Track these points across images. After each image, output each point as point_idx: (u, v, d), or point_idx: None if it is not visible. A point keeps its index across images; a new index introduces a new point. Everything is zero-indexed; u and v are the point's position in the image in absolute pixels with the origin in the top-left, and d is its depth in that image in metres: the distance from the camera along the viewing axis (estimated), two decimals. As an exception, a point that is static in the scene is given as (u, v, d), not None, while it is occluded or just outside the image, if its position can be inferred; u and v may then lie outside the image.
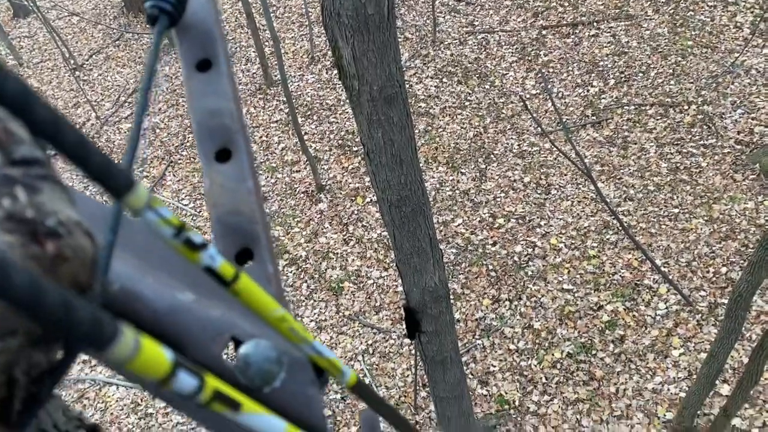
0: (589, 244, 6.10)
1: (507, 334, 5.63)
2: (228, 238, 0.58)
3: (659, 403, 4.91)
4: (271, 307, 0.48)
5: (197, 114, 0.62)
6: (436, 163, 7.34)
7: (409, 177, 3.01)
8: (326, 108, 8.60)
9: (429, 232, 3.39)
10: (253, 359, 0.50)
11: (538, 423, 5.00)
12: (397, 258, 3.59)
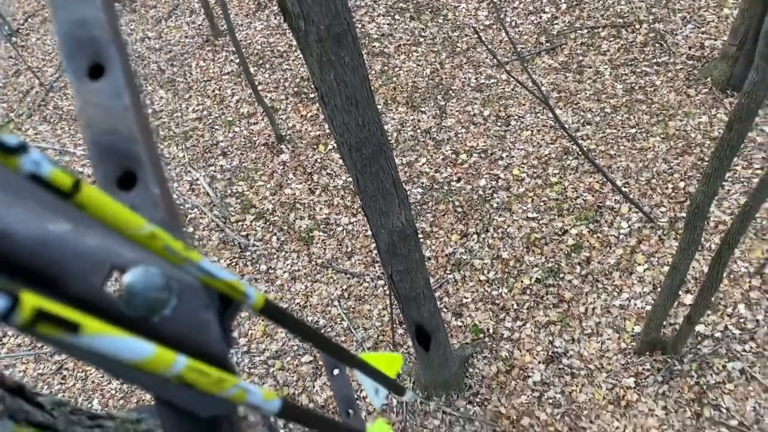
0: (550, 172, 6.18)
1: (477, 266, 5.75)
2: (107, 162, 0.51)
3: (627, 318, 5.12)
4: (133, 223, 0.42)
5: (62, 26, 0.55)
6: (396, 104, 7.27)
7: (367, 118, 2.98)
8: (278, 55, 8.39)
9: (392, 173, 3.39)
10: (136, 288, 0.46)
11: (513, 348, 5.18)
12: (363, 201, 3.59)
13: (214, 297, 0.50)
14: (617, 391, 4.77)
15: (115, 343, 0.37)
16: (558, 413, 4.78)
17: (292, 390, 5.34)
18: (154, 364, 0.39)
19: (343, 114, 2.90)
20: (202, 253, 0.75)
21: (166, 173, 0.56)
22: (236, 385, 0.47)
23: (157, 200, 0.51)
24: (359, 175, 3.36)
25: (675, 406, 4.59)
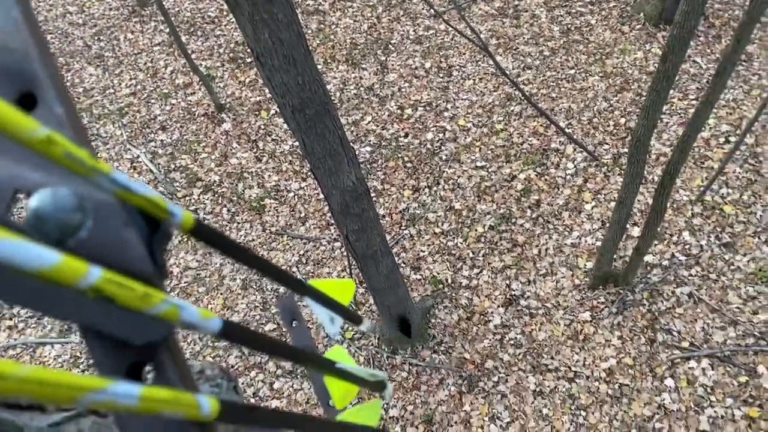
0: (495, 119, 6.22)
1: (431, 219, 5.79)
2: (1, 84, 0.47)
3: (579, 256, 5.26)
4: (24, 125, 0.34)
5: None
6: (336, 62, 7.14)
7: (306, 77, 2.91)
8: (209, 21, 8.09)
9: (338, 132, 3.34)
10: (45, 211, 0.42)
11: (472, 295, 5.28)
12: (311, 164, 3.54)
13: (135, 215, 0.46)
14: (575, 326, 4.93)
15: (8, 247, 0.31)
16: (520, 353, 4.92)
17: (258, 359, 5.33)
18: (61, 273, 0.34)
19: (281, 74, 2.82)
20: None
21: (67, 92, 0.50)
22: (166, 301, 0.42)
23: (62, 120, 0.46)
24: (305, 137, 3.30)
25: (630, 335, 4.79)
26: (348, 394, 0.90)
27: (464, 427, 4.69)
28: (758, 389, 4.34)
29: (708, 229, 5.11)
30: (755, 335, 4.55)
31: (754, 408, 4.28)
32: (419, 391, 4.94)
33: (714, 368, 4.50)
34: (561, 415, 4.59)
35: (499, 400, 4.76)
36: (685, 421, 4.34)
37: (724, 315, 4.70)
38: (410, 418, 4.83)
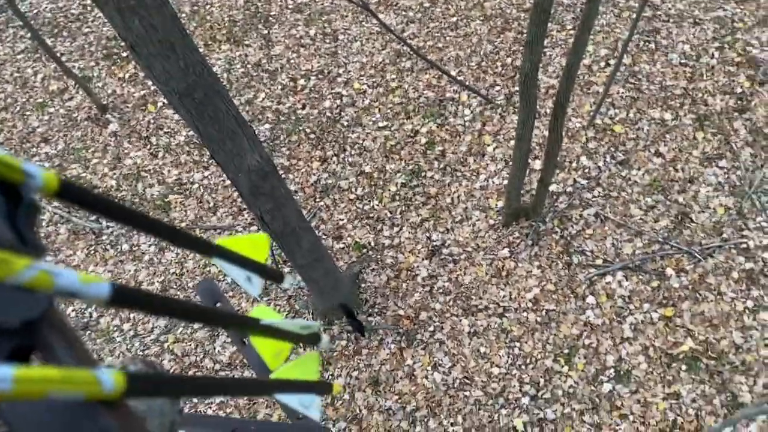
0: (389, 78, 6.20)
1: (344, 186, 5.75)
2: None
3: (489, 197, 5.40)
4: None
5: None
6: (217, 43, 6.85)
7: (188, 60, 2.77)
8: (73, 19, 7.52)
9: (232, 112, 3.22)
10: None
11: (396, 253, 5.32)
12: (211, 150, 3.40)
13: None
14: (496, 264, 5.09)
15: None
16: (450, 299, 5.04)
17: (193, 358, 5.18)
18: None
19: (161, 61, 2.66)
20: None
21: None
22: (33, 267, 0.36)
23: None
24: (198, 123, 3.15)
25: (548, 263, 5.00)
26: (281, 352, 0.84)
27: (409, 381, 4.78)
28: (669, 290, 4.67)
29: (603, 150, 5.37)
30: (659, 241, 4.87)
31: (669, 308, 4.60)
32: (361, 356, 4.97)
33: (628, 279, 4.79)
34: (497, 349, 4.76)
35: (438, 348, 4.87)
36: (611, 333, 4.62)
37: (630, 228, 4.98)
38: (357, 383, 4.87)
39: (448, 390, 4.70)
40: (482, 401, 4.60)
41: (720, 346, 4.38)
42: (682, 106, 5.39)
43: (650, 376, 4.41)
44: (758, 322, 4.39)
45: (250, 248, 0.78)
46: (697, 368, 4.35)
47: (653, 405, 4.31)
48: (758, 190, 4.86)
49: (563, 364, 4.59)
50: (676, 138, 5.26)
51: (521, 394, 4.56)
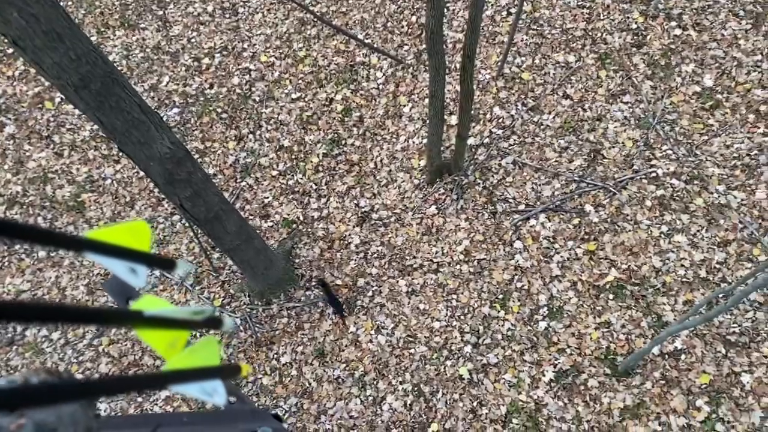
0: (296, 47, 6.02)
1: (264, 163, 5.60)
2: None
3: (411, 158, 5.39)
4: None
5: None
6: (111, 29, 6.43)
7: (79, 49, 2.58)
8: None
9: (134, 100, 3.04)
10: None
11: (326, 224, 5.26)
12: (118, 141, 3.22)
13: None
14: (426, 222, 5.12)
15: None
16: (385, 263, 5.05)
17: (131, 357, 4.99)
18: None
19: (49, 53, 2.47)
20: None
21: None
22: None
23: None
24: (99, 114, 2.96)
25: (474, 214, 5.07)
26: (176, 341, 0.77)
27: (355, 347, 4.79)
28: (590, 226, 4.84)
29: (514, 99, 5.44)
30: (575, 180, 5.02)
31: (591, 243, 4.78)
32: (304, 330, 4.93)
33: (550, 220, 4.93)
34: (436, 304, 4.83)
35: (379, 312, 4.89)
36: (540, 273, 4.76)
37: (547, 171, 5.11)
38: (302, 357, 4.83)
39: (393, 350, 4.74)
40: (427, 356, 4.67)
41: (641, 272, 4.61)
42: (584, 47, 5.51)
43: (581, 309, 4.60)
44: (673, 245, 4.63)
45: (129, 237, 0.70)
46: (623, 296, 4.57)
47: (587, 336, 4.50)
48: (661, 120, 5.07)
49: (499, 310, 4.71)
50: (581, 79, 5.39)
51: (463, 343, 4.66)
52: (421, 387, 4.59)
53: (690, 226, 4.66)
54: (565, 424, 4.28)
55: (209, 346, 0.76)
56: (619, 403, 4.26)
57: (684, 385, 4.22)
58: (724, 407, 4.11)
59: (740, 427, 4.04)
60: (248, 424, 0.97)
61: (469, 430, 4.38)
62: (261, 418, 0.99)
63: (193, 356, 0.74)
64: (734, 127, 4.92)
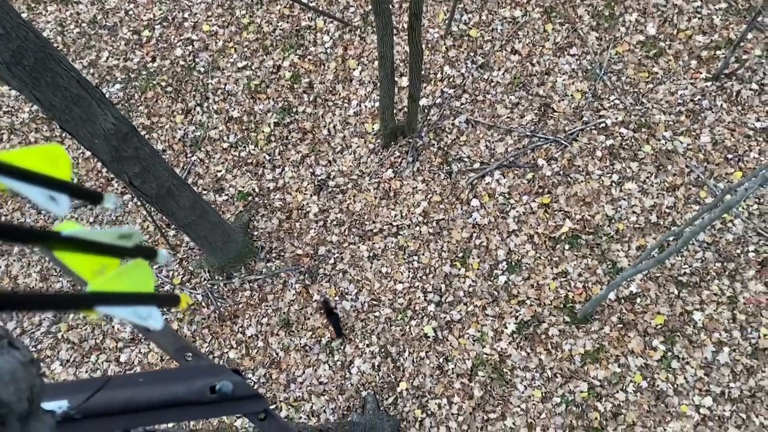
0: (239, 15, 5.80)
1: (214, 136, 5.43)
2: None
3: (365, 122, 5.30)
4: None
5: None
6: (42, 4, 6.07)
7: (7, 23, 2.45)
8: None
9: (72, 75, 2.89)
10: None
11: (283, 195, 5.16)
12: (59, 120, 3.07)
13: None
14: (383, 187, 5.07)
15: None
16: (345, 229, 4.99)
17: (93, 341, 4.85)
18: None
19: (-37, 32, 2.29)
20: None
21: None
22: None
23: None
24: (35, 92, 2.81)
25: (430, 176, 5.04)
26: (104, 270, 0.69)
27: (320, 315, 4.76)
28: (543, 179, 4.87)
29: (463, 57, 5.38)
30: (528, 135, 5.02)
31: (545, 196, 4.82)
32: (268, 302, 4.87)
33: (505, 176, 4.94)
34: (398, 267, 4.81)
35: (342, 278, 4.86)
36: (497, 229, 4.79)
37: (499, 128, 5.09)
38: (268, 329, 4.78)
39: (358, 315, 4.73)
40: (392, 318, 4.68)
41: (595, 221, 4.67)
42: (529, 2, 5.46)
43: (539, 261, 4.65)
44: (624, 193, 4.70)
45: (44, 163, 0.61)
46: (578, 245, 4.63)
47: (545, 286, 4.57)
48: (607, 70, 5.09)
49: (460, 267, 4.73)
50: (529, 33, 5.35)
51: (426, 303, 4.67)
52: (387, 348, 4.60)
53: (640, 174, 4.74)
54: (528, 373, 4.36)
55: (139, 270, 0.69)
56: (579, 349, 4.36)
57: (640, 327, 4.33)
58: (678, 345, 4.24)
59: (694, 362, 4.19)
60: (206, 380, 0.91)
61: (437, 385, 4.43)
62: (219, 372, 0.94)
63: (121, 280, 0.67)
64: (678, 74, 4.98)
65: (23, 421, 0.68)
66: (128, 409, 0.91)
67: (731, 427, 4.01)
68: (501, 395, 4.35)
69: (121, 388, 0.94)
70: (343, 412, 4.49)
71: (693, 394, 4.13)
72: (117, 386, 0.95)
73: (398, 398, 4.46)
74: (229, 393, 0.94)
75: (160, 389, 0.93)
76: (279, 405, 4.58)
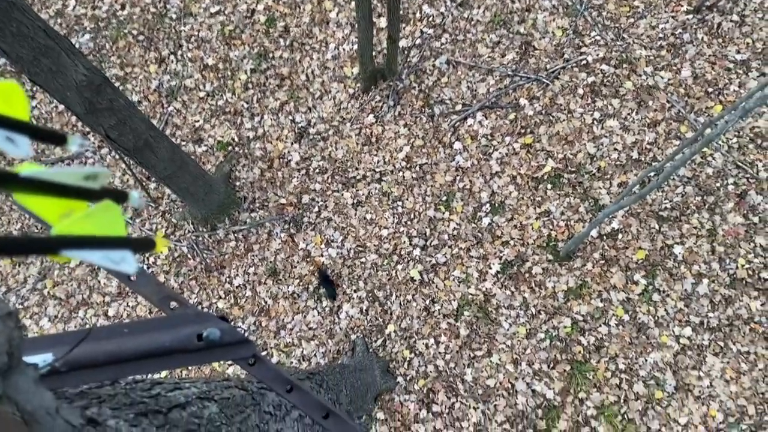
0: (209, -44, 5.52)
1: (190, 85, 5.25)
2: None
3: (343, 66, 5.15)
4: None
5: None
6: (-1, -49, 5.73)
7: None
8: None
9: (38, 24, 2.76)
10: None
11: (263, 143, 5.05)
12: (27, 72, 2.94)
13: None
14: (365, 132, 4.97)
15: None
16: (328, 177, 4.92)
17: (80, 297, 4.81)
18: None
19: None
20: None
21: None
22: None
23: None
24: (1, 43, 2.67)
25: (412, 120, 4.94)
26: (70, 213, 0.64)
27: (306, 263, 4.74)
28: (525, 119, 4.80)
29: (442, -5, 5.19)
30: (509, 75, 4.91)
31: (527, 136, 4.76)
32: (254, 252, 4.83)
33: (487, 117, 4.86)
34: (382, 213, 4.78)
35: (327, 226, 4.82)
36: (480, 171, 4.74)
37: (480, 68, 4.97)
38: (255, 278, 4.76)
39: (345, 262, 4.72)
40: (378, 263, 4.67)
41: (577, 159, 4.64)
42: (509, -65, 5.24)
43: (522, 201, 4.63)
44: (606, 130, 4.65)
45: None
46: (560, 184, 4.61)
47: (528, 226, 4.57)
48: (588, 6, 4.95)
49: (444, 211, 4.71)
50: (509, -31, 5.17)
51: (412, 247, 4.66)
52: (375, 292, 4.61)
53: (621, 110, 4.68)
54: (513, 311, 4.41)
55: (109, 212, 0.63)
56: (562, 286, 4.40)
57: (622, 263, 4.37)
58: (659, 278, 4.29)
59: (674, 294, 4.25)
60: (193, 328, 0.88)
61: (424, 326, 4.47)
62: (206, 320, 0.90)
63: (89, 223, 0.61)
64: (659, 7, 4.86)
65: (4, 375, 0.64)
66: (114, 359, 0.89)
67: (710, 355, 4.11)
68: (486, 333, 4.40)
69: (107, 339, 0.90)
70: (333, 356, 4.53)
71: (673, 325, 4.21)
72: (102, 337, 0.91)
73: (387, 340, 4.50)
74: (217, 340, 0.91)
75: (146, 339, 0.91)
76: (270, 351, 4.61)
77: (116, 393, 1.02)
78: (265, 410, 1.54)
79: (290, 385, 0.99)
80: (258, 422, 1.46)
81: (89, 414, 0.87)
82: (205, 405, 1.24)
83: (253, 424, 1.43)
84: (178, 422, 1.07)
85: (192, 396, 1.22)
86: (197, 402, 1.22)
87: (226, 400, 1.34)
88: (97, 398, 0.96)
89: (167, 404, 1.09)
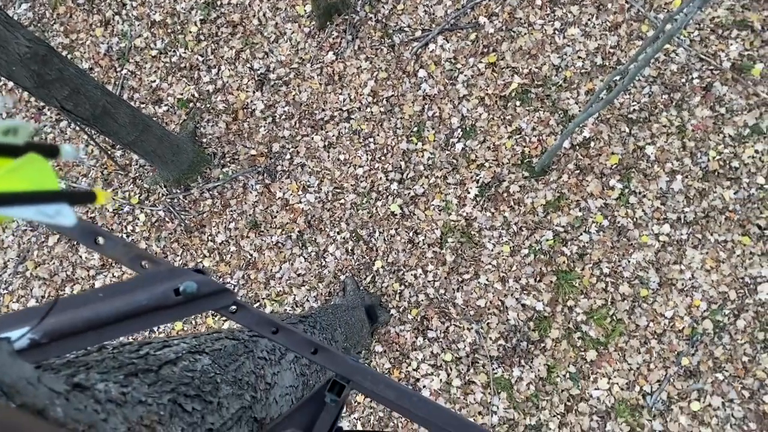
0: None
1: (141, 45, 4.98)
2: None
3: (295, 5, 4.93)
4: None
5: None
6: None
7: None
8: None
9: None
10: None
11: (225, 96, 4.85)
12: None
13: None
14: (326, 71, 4.79)
15: None
16: (295, 122, 4.77)
17: (64, 274, 4.70)
18: None
19: None
20: None
21: None
22: None
23: None
24: None
25: (373, 52, 4.76)
26: None
27: (286, 211, 4.65)
28: (487, 37, 4.64)
29: None
30: (465, -6, 4.72)
31: (491, 55, 4.61)
32: (232, 207, 4.72)
33: (448, 41, 4.69)
34: (355, 152, 4.66)
35: (301, 172, 4.70)
36: (448, 97, 4.61)
37: (435, -10, 4.76)
38: (237, 233, 4.67)
39: (324, 205, 4.64)
40: (358, 202, 4.60)
41: (542, 72, 4.52)
42: None
43: (492, 122, 4.54)
44: (568, 39, 4.53)
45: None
46: (529, 100, 4.51)
47: (502, 146, 4.49)
48: None
49: (416, 142, 4.61)
50: None
51: (389, 182, 4.58)
52: (358, 231, 4.56)
53: (581, 17, 4.54)
54: (495, 231, 4.39)
55: (35, 165, 0.55)
56: (541, 200, 4.37)
57: (597, 170, 4.34)
58: (634, 180, 4.28)
59: (650, 194, 4.25)
60: (169, 284, 0.83)
61: (410, 258, 4.45)
62: (181, 274, 0.85)
63: (15, 178, 0.54)
64: None
65: None
66: (94, 325, 0.85)
67: (689, 248, 4.15)
68: (472, 256, 4.39)
69: (83, 306, 0.86)
70: (325, 298, 4.52)
71: (652, 224, 4.23)
72: (79, 305, 0.87)
73: (376, 276, 4.48)
74: (195, 292, 0.88)
75: (122, 300, 0.87)
76: (263, 302, 4.58)
77: (104, 358, 0.99)
78: (259, 356, 1.51)
79: (275, 327, 0.96)
80: (253, 368, 1.43)
81: (76, 380, 0.83)
82: (197, 358, 1.21)
83: (249, 371, 1.40)
84: (170, 378, 1.03)
85: (182, 351, 1.19)
86: (188, 356, 1.19)
87: (218, 351, 1.31)
88: (85, 365, 0.93)
89: (157, 362, 1.06)
